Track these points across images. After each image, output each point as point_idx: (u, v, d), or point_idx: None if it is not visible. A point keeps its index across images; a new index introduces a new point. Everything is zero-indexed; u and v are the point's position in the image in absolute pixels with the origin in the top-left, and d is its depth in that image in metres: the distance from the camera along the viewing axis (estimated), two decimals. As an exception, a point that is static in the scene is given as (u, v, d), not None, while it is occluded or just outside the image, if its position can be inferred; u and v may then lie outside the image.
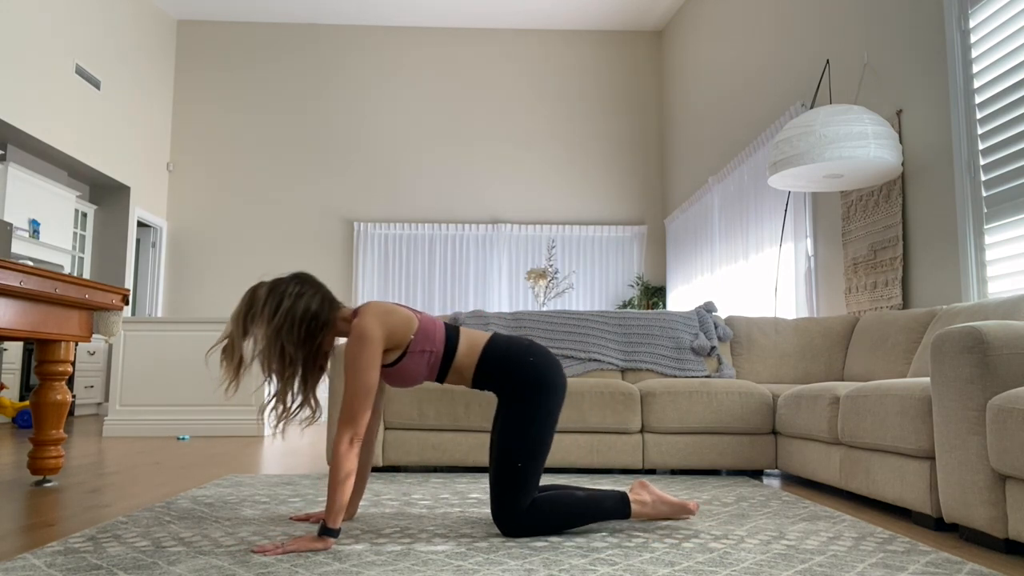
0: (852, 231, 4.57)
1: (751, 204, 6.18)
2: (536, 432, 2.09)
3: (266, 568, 1.71)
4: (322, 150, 9.36)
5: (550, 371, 2.15)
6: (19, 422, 5.95)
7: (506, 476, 2.05)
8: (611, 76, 9.60)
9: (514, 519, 2.04)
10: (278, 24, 9.48)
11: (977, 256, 3.46)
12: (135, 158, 8.51)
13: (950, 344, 2.10)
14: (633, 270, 9.27)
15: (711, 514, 2.42)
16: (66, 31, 7.24)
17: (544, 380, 2.13)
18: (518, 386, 2.11)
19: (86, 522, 2.27)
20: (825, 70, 4.96)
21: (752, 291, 6.10)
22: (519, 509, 2.04)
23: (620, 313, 4.17)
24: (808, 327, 4.08)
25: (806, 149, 3.78)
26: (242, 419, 5.48)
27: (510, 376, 2.12)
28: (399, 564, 1.76)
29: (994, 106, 3.33)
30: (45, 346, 3.01)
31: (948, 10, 3.63)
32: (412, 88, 9.46)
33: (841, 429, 2.74)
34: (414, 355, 2.08)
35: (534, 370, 2.13)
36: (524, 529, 2.05)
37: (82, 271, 8.05)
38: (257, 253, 9.20)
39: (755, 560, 1.81)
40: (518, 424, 2.08)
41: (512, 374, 2.12)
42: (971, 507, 2.01)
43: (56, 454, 3.02)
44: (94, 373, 7.65)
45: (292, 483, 3.08)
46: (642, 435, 3.47)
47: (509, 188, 9.38)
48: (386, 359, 2.08)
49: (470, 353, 2.15)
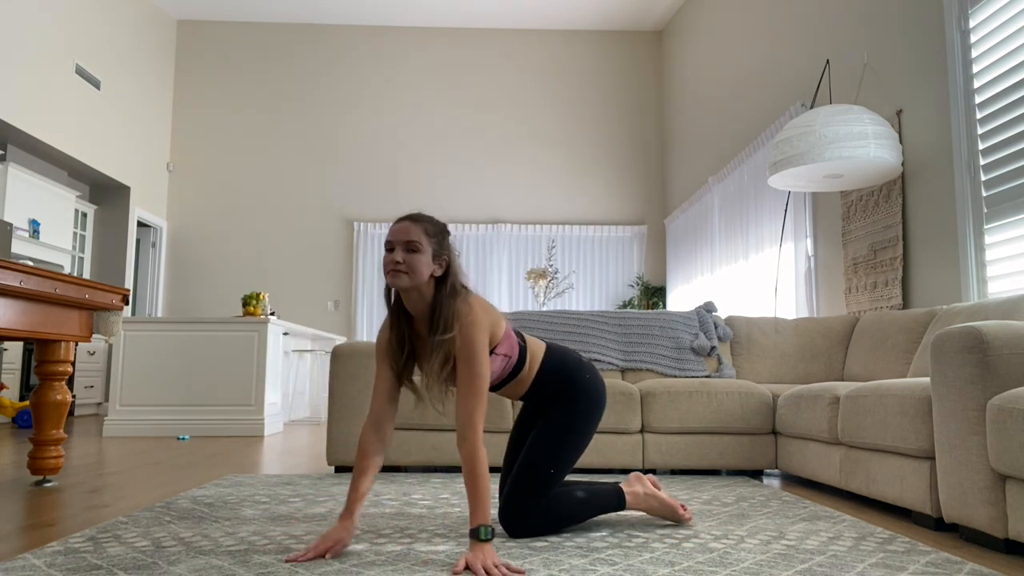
0: (852, 231, 4.57)
1: (751, 204, 6.18)
2: (574, 443, 2.12)
3: (266, 568, 1.71)
4: (322, 150, 9.36)
5: (601, 390, 2.20)
6: (19, 422, 5.95)
7: (533, 480, 2.05)
8: (611, 76, 9.60)
9: (528, 522, 2.04)
10: (278, 24, 9.48)
11: (977, 256, 3.46)
12: (135, 158, 8.52)
13: (950, 344, 2.10)
14: (633, 270, 9.27)
15: (711, 514, 2.42)
16: (66, 31, 7.25)
17: (595, 397, 2.17)
18: (570, 399, 2.14)
19: (86, 522, 2.27)
20: (825, 70, 4.96)
21: (752, 291, 6.10)
22: (535, 512, 2.05)
23: (620, 313, 4.17)
24: (808, 327, 4.08)
25: (806, 149, 3.78)
26: (242, 419, 5.48)
27: (564, 390, 2.14)
28: (399, 564, 1.76)
29: (994, 106, 3.33)
30: (45, 346, 3.01)
31: (948, 10, 3.63)
32: (412, 88, 9.46)
33: (841, 429, 2.74)
34: (496, 357, 2.03)
35: (590, 386, 2.17)
36: (532, 530, 2.05)
37: (82, 271, 8.05)
38: (257, 253, 9.20)
39: (755, 560, 1.81)
40: (561, 433, 2.11)
41: (567, 389, 2.14)
42: (971, 507, 2.01)
43: (56, 454, 3.02)
44: (94, 373, 7.65)
45: (292, 483, 3.08)
46: (642, 435, 3.47)
47: (509, 188, 9.38)
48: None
49: (532, 365, 2.14)
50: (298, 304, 9.10)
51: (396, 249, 1.92)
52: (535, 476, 2.06)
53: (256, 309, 5.94)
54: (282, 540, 2.00)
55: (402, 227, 1.93)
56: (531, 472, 2.06)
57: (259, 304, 5.98)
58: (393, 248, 1.92)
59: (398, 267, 1.89)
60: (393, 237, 1.93)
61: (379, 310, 9.02)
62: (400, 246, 1.91)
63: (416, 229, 1.93)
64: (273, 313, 6.72)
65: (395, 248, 1.92)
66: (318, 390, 7.87)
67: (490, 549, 1.74)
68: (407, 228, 1.93)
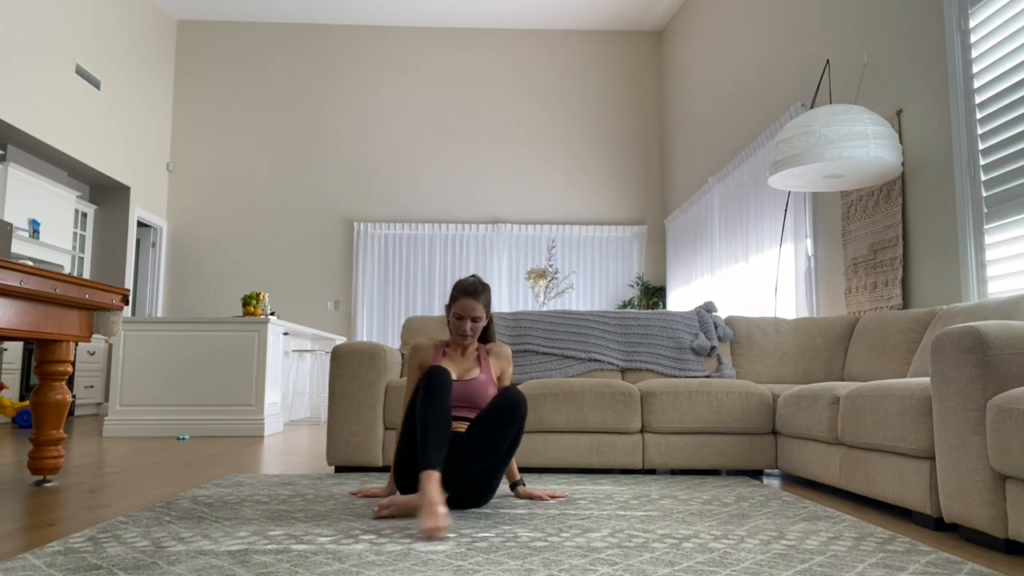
0: (852, 231, 4.57)
1: (751, 204, 6.18)
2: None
3: (266, 568, 1.71)
4: (322, 150, 9.37)
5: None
6: (19, 422, 5.95)
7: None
8: (611, 76, 9.60)
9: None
10: (278, 24, 9.48)
11: (977, 256, 3.46)
12: (135, 158, 8.52)
13: (950, 344, 2.10)
14: (633, 270, 9.27)
15: (711, 514, 2.42)
16: (66, 31, 7.25)
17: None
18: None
19: (86, 522, 2.27)
20: (825, 70, 4.96)
21: (752, 291, 6.10)
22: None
23: (620, 313, 4.17)
24: (808, 327, 4.08)
25: (806, 149, 3.78)
26: (242, 419, 5.48)
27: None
28: (399, 564, 1.76)
29: (994, 106, 3.33)
30: (45, 346, 3.01)
31: (948, 10, 3.63)
32: (412, 88, 9.46)
33: (841, 429, 2.74)
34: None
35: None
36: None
37: (82, 271, 8.05)
38: (257, 253, 9.20)
39: (755, 560, 1.81)
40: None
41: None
42: (971, 507, 2.01)
43: (56, 454, 3.02)
44: (94, 373, 7.65)
45: (292, 483, 3.08)
46: (642, 435, 3.47)
47: (509, 188, 9.38)
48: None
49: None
50: (298, 304, 9.10)
51: (465, 321, 2.61)
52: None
53: (256, 309, 5.94)
54: (282, 540, 2.00)
55: (470, 305, 2.60)
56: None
57: (259, 304, 5.98)
58: (462, 319, 2.62)
59: (467, 334, 2.62)
60: (464, 313, 2.60)
61: (379, 310, 9.03)
62: (469, 319, 2.62)
63: (479, 305, 2.61)
64: (273, 313, 6.72)
65: (464, 320, 2.61)
66: (318, 390, 7.87)
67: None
68: (474, 306, 2.60)
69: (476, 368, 2.70)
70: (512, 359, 2.93)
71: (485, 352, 2.76)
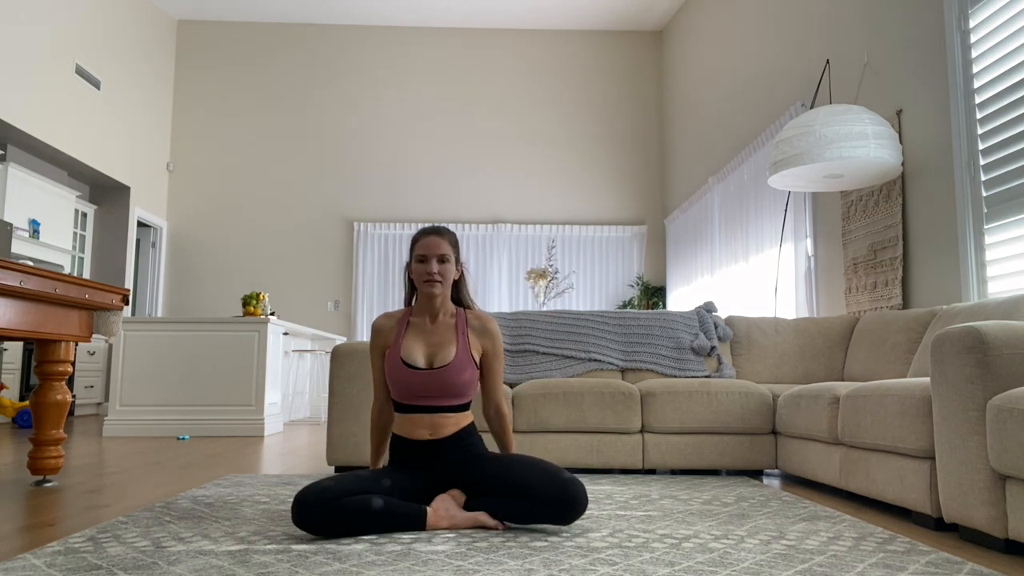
0: (852, 231, 4.57)
1: (751, 204, 6.18)
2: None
3: (266, 568, 1.71)
4: (322, 150, 9.36)
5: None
6: (19, 422, 5.95)
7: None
8: (611, 76, 9.60)
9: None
10: (278, 24, 9.48)
11: (977, 256, 3.46)
12: (135, 158, 8.52)
13: (950, 344, 2.10)
14: (633, 270, 9.27)
15: (711, 514, 2.42)
16: (66, 31, 7.25)
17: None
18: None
19: (86, 522, 2.27)
20: (825, 70, 4.96)
21: (752, 291, 6.10)
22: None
23: (620, 313, 4.17)
24: (808, 327, 4.08)
25: (806, 149, 3.78)
26: (242, 419, 5.48)
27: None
28: (399, 564, 1.76)
29: (994, 106, 3.33)
30: (45, 346, 3.01)
31: (948, 10, 3.63)
32: (412, 88, 9.46)
33: (841, 429, 2.74)
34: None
35: None
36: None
37: (82, 271, 8.05)
38: (257, 253, 9.20)
39: (755, 560, 1.81)
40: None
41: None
42: (971, 507, 2.01)
43: (56, 454, 3.02)
44: (94, 373, 7.65)
45: (292, 483, 3.08)
46: (642, 435, 3.47)
47: (509, 188, 9.38)
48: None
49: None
50: (298, 304, 9.10)
51: (430, 261, 2.18)
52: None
53: (256, 309, 5.94)
54: (282, 540, 2.00)
55: (433, 241, 2.20)
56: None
57: (259, 304, 5.98)
58: (426, 260, 2.19)
59: (434, 277, 2.18)
60: (427, 251, 2.19)
61: (379, 310, 9.02)
62: (434, 258, 2.18)
63: (444, 242, 2.21)
64: (273, 313, 6.72)
65: (429, 260, 2.18)
66: (318, 390, 7.87)
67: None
68: (438, 242, 2.20)
69: (451, 344, 2.23)
70: (501, 335, 2.33)
71: (464, 321, 2.29)
